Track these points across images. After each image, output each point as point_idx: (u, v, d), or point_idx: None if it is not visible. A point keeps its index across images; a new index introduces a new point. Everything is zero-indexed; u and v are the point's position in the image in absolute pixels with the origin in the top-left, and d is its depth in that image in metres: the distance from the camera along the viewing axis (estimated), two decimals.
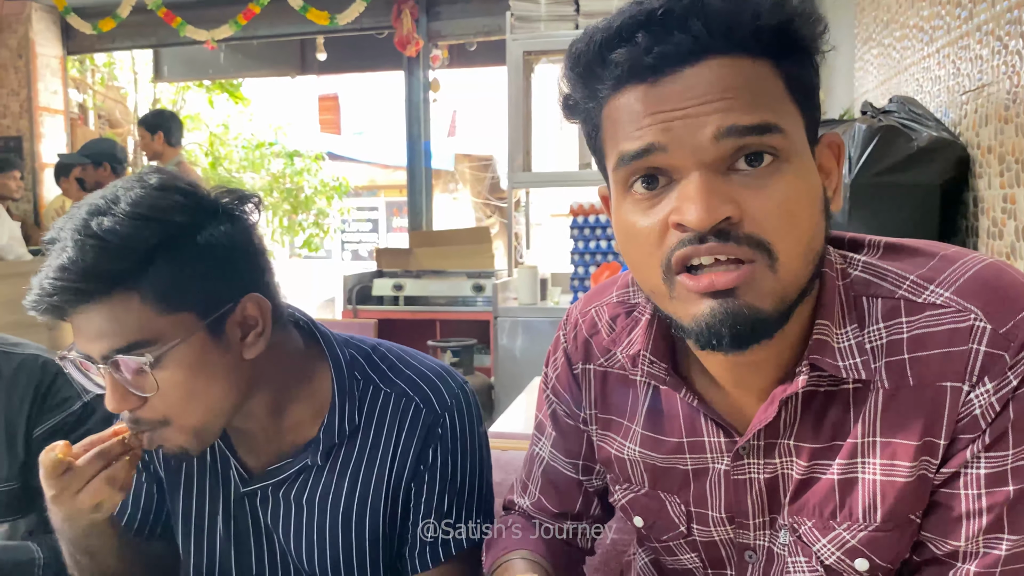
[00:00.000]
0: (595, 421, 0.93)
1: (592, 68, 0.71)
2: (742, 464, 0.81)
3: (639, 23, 0.67)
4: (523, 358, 3.82)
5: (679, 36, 0.65)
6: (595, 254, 3.84)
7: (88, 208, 0.87)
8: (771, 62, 0.68)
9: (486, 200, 10.89)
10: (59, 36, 5.92)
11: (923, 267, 0.75)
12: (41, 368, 1.25)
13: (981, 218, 1.67)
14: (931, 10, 2.00)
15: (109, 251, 0.84)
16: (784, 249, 0.67)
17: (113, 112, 7.49)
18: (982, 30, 1.63)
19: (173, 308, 0.88)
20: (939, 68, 1.94)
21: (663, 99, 0.67)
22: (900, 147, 1.73)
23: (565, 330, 0.96)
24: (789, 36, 0.68)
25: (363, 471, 1.03)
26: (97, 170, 4.10)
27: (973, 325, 0.69)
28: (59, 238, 0.86)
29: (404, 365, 1.07)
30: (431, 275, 4.54)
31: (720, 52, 0.66)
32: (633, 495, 0.90)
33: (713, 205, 0.65)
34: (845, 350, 0.73)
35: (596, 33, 0.70)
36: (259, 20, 5.27)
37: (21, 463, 1.22)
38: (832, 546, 0.77)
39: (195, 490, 1.07)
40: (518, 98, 4.07)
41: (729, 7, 0.65)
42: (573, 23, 3.96)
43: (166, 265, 0.87)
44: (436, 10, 5.35)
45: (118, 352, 0.87)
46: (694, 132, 0.66)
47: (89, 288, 0.85)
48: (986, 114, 1.63)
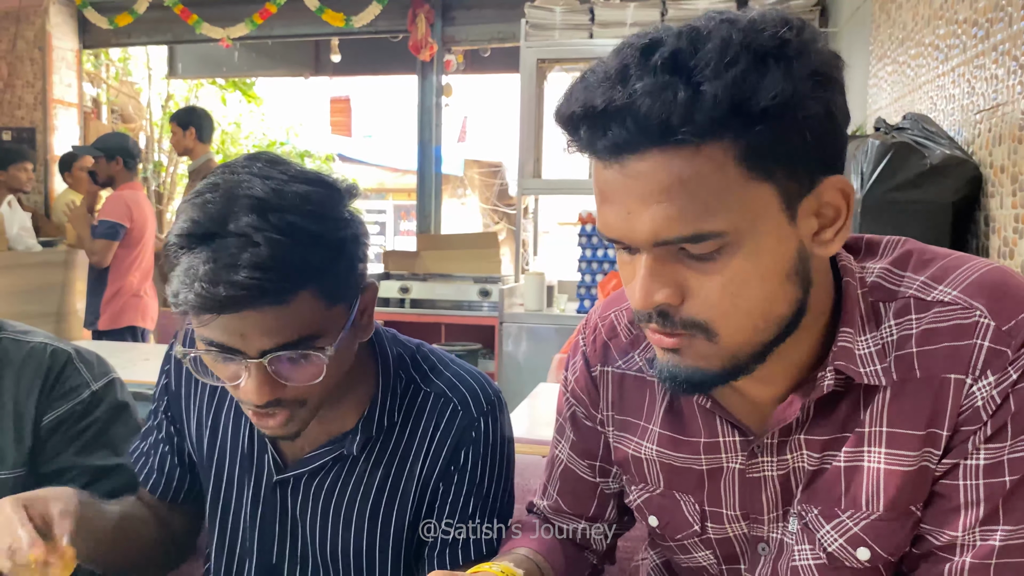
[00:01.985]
0: (612, 423, 0.95)
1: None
2: (756, 462, 0.83)
3: (581, 117, 0.67)
4: (527, 364, 3.82)
5: (616, 130, 0.65)
6: (603, 262, 3.84)
7: (252, 202, 0.84)
8: (725, 142, 0.64)
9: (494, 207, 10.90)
10: (75, 30, 5.96)
11: (933, 268, 0.78)
12: (50, 356, 1.25)
13: (992, 237, 1.67)
14: (947, 29, 2.00)
15: (299, 251, 0.83)
16: (724, 327, 0.70)
17: (126, 107, 7.52)
18: (998, 50, 1.63)
19: (336, 301, 0.90)
20: (953, 87, 1.94)
21: (612, 186, 0.68)
22: (913, 164, 1.73)
23: (584, 334, 0.98)
24: (743, 114, 0.63)
25: (396, 466, 1.04)
26: (110, 164, 4.10)
27: (978, 322, 0.73)
28: (230, 232, 0.82)
29: (444, 367, 1.08)
30: (438, 278, 4.54)
31: (658, 144, 0.65)
32: (648, 495, 0.92)
33: (651, 292, 0.69)
34: (866, 357, 0.76)
35: (558, 110, 0.70)
36: (275, 19, 5.29)
37: (29, 450, 1.23)
38: (835, 533, 0.79)
39: (226, 475, 1.09)
40: (530, 105, 4.09)
41: (662, 102, 0.63)
42: (588, 32, 3.98)
43: (340, 261, 0.89)
44: (451, 15, 5.37)
45: (287, 347, 0.86)
46: (635, 233, 0.68)
47: (285, 287, 0.83)
48: (1000, 133, 1.63)
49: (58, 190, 5.73)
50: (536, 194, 4.44)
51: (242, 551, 1.09)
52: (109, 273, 4.05)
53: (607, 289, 3.10)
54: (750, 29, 0.65)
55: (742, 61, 0.63)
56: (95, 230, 3.99)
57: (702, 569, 0.93)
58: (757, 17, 0.66)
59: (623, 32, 3.85)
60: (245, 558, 1.09)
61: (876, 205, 1.73)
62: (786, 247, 0.70)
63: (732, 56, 0.63)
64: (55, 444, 1.23)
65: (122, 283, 4.07)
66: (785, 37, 0.65)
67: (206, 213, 0.84)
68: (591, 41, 3.96)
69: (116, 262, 4.04)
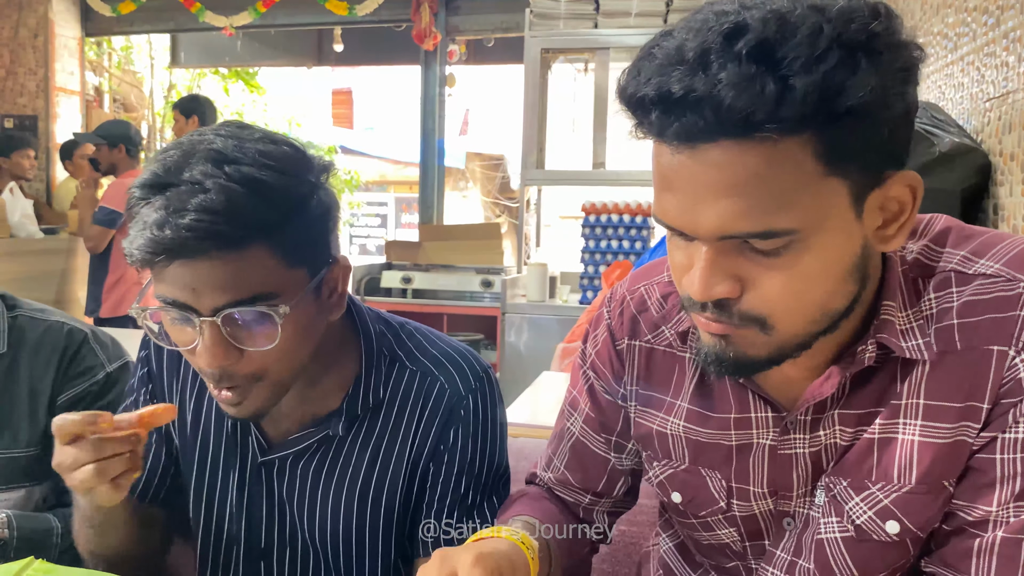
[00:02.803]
0: (635, 397, 0.94)
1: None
2: (788, 439, 0.83)
3: (653, 101, 0.64)
4: (529, 355, 3.81)
5: (691, 118, 0.63)
6: (606, 253, 3.83)
7: (209, 154, 0.83)
8: (805, 136, 0.63)
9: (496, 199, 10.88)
10: (78, 17, 5.94)
11: (973, 243, 0.77)
12: (67, 336, 1.25)
13: (1001, 225, 1.65)
14: (956, 17, 1.99)
15: (252, 199, 0.82)
16: (781, 321, 0.70)
17: (128, 96, 7.51)
18: (1009, 37, 1.62)
19: (294, 263, 0.88)
20: (963, 75, 1.93)
21: (678, 174, 0.66)
22: (922, 152, 1.72)
23: (610, 307, 0.97)
24: (827, 108, 0.61)
25: (384, 447, 1.02)
26: (112, 152, 4.09)
27: (1022, 294, 0.72)
28: (183, 180, 0.81)
29: (430, 344, 1.06)
30: (440, 269, 4.53)
31: (735, 136, 0.62)
32: (672, 471, 0.91)
33: (710, 284, 0.68)
34: (908, 332, 0.75)
35: (625, 89, 0.67)
36: (278, 8, 5.28)
37: (43, 429, 1.22)
38: (865, 504, 0.78)
39: (210, 458, 1.07)
40: (534, 95, 4.07)
41: (749, 95, 0.60)
42: (592, 22, 3.95)
43: (298, 219, 0.87)
44: (455, 5, 5.35)
45: (240, 304, 0.84)
46: (699, 225, 0.66)
47: (235, 234, 0.81)
48: (1009, 121, 1.62)
49: (60, 178, 5.72)
50: (539, 184, 4.42)
51: (229, 536, 1.07)
52: (111, 261, 4.04)
53: (611, 279, 3.09)
54: (840, 19, 0.62)
55: (833, 56, 0.60)
56: (94, 216, 3.98)
57: (724, 546, 0.92)
58: (845, 5, 0.63)
59: (628, 22, 3.83)
60: (233, 543, 1.07)
61: None
62: (852, 243, 0.69)
63: (823, 49, 0.60)
64: None
65: (124, 271, 4.06)
66: (876, 30, 0.62)
67: (164, 165, 0.84)
68: (596, 31, 3.94)
69: (117, 249, 4.04)
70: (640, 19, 3.81)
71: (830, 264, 0.68)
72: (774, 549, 0.87)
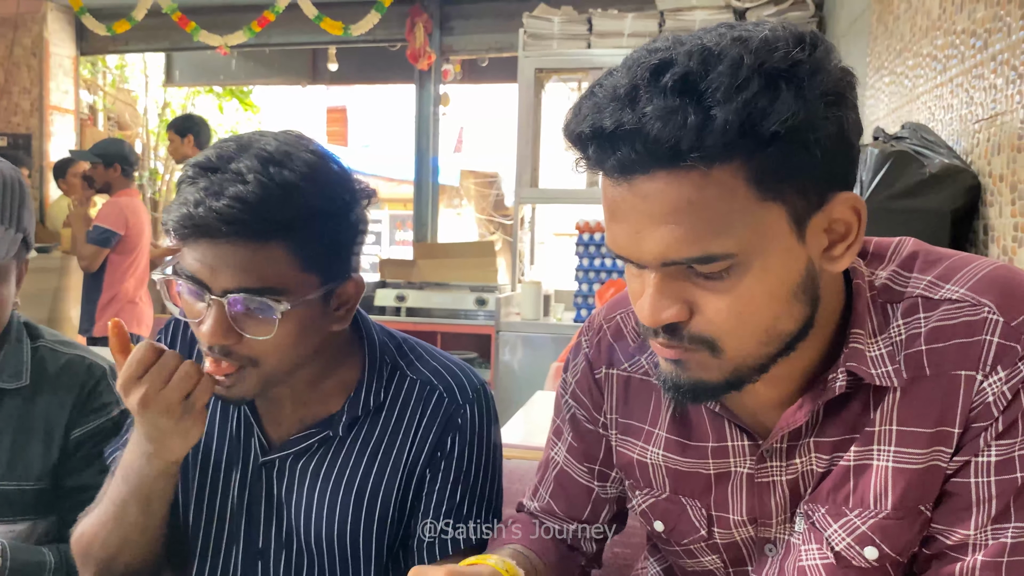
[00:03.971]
0: (615, 426, 0.94)
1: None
2: (765, 467, 0.83)
3: (589, 137, 0.67)
4: (523, 373, 3.81)
5: (624, 151, 0.65)
6: (600, 271, 3.84)
7: (260, 153, 0.91)
8: (736, 164, 0.64)
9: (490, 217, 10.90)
10: (73, 36, 5.96)
11: (939, 267, 0.78)
12: (87, 370, 1.25)
13: (991, 246, 1.67)
14: (945, 39, 2.01)
15: (284, 201, 0.90)
16: (729, 343, 0.71)
17: (123, 115, 7.52)
18: (997, 59, 1.64)
19: (308, 268, 0.94)
20: (952, 96, 1.95)
21: (622, 205, 0.69)
22: (912, 172, 1.73)
23: (587, 336, 0.97)
24: (753, 137, 0.63)
25: (382, 450, 1.05)
26: (108, 170, 4.09)
27: (987, 318, 0.73)
28: (230, 169, 0.90)
29: (431, 357, 1.11)
30: (434, 287, 4.53)
31: (667, 166, 0.65)
32: (654, 500, 0.91)
33: (658, 309, 0.70)
34: (877, 358, 0.76)
35: (567, 127, 0.70)
36: (273, 28, 5.30)
37: (54, 463, 1.21)
38: (843, 531, 0.79)
39: (213, 458, 1.09)
40: (528, 114, 4.10)
41: (672, 126, 0.63)
42: (586, 42, 3.99)
43: (322, 229, 0.94)
44: (450, 25, 5.38)
45: (250, 291, 0.90)
46: (644, 253, 0.69)
47: (258, 228, 0.89)
48: (998, 143, 1.63)
49: (53, 196, 5.71)
50: (533, 203, 4.45)
51: (229, 536, 1.08)
52: (104, 279, 4.03)
53: (605, 297, 3.10)
54: (762, 50, 0.64)
55: (753, 84, 0.62)
56: (88, 235, 3.98)
57: (708, 573, 0.92)
58: (770, 36, 0.65)
59: (621, 43, 3.87)
60: (232, 544, 1.08)
61: (876, 213, 1.71)
62: (795, 265, 0.70)
63: (743, 79, 0.62)
64: (79, 460, 1.23)
65: (117, 290, 4.05)
66: (797, 58, 0.64)
67: (218, 152, 0.93)
68: (589, 51, 3.97)
69: (111, 268, 4.03)
70: (632, 39, 3.85)
71: (774, 286, 0.69)
72: (757, 575, 0.87)
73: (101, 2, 5.56)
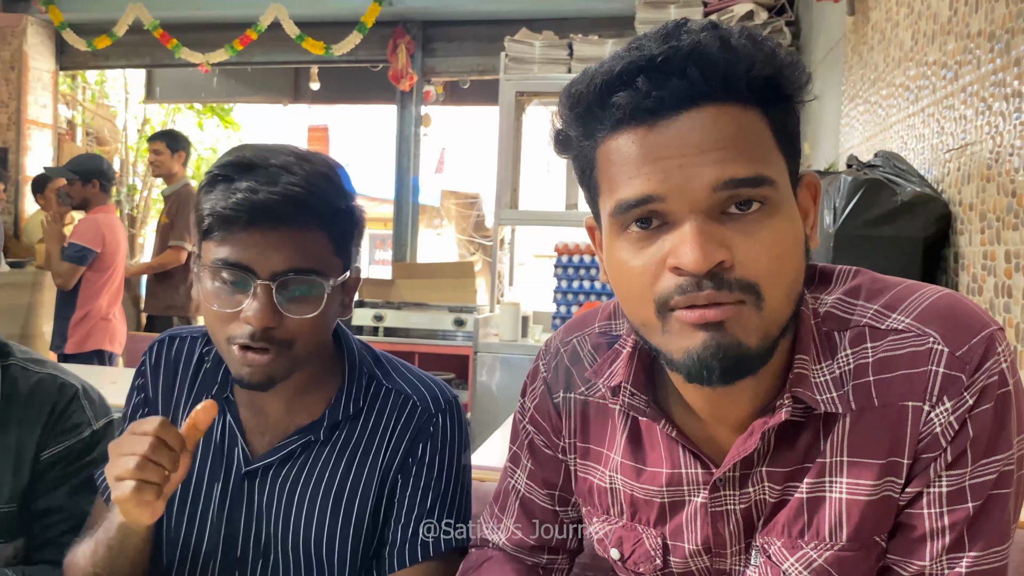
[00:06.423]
0: (575, 450, 0.93)
1: (591, 109, 0.73)
2: (719, 496, 0.82)
3: (639, 67, 0.69)
4: (501, 394, 3.81)
5: (677, 82, 0.67)
6: (578, 293, 3.86)
7: (292, 152, 1.01)
8: (760, 111, 0.70)
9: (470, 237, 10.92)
10: (53, 51, 5.93)
11: (885, 296, 0.78)
12: (59, 390, 1.22)
13: (962, 273, 1.69)
14: (917, 70, 2.05)
15: (324, 191, 1.00)
16: (771, 291, 0.70)
17: (102, 130, 7.47)
18: (967, 91, 1.68)
19: (338, 254, 1.03)
20: (923, 126, 1.98)
21: (660, 145, 0.69)
22: (884, 200, 1.76)
23: (545, 360, 0.97)
24: (778, 86, 0.71)
25: (358, 457, 1.09)
26: (85, 187, 4.05)
27: (932, 348, 0.73)
28: (272, 164, 0.97)
29: (406, 370, 1.17)
30: (412, 307, 4.52)
31: (715, 100, 0.68)
32: (611, 527, 0.90)
33: (709, 250, 0.68)
34: (822, 384, 0.76)
35: (596, 75, 0.71)
36: (255, 46, 5.31)
37: (24, 486, 1.18)
38: (800, 565, 0.78)
39: (195, 470, 1.10)
40: (509, 137, 4.12)
41: (725, 57, 0.68)
42: (566, 67, 4.02)
43: (346, 220, 1.04)
44: (432, 47, 5.41)
45: (296, 272, 0.97)
46: (691, 181, 0.68)
47: (310, 212, 0.98)
48: (969, 172, 1.66)
49: (29, 211, 5.65)
50: (513, 224, 4.45)
51: (208, 549, 1.09)
52: (78, 296, 3.99)
53: None
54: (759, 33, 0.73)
55: (770, 42, 0.70)
56: (64, 252, 3.94)
57: None
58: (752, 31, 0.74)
59: None
60: (210, 557, 1.09)
61: (848, 240, 1.76)
62: (799, 223, 0.74)
63: (763, 37, 0.70)
64: (49, 481, 1.20)
65: (91, 306, 4.01)
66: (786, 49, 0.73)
67: (246, 154, 0.99)
68: (569, 76, 3.95)
69: (86, 285, 3.99)
70: None
71: (794, 236, 0.72)
72: None
73: (82, 17, 5.54)
